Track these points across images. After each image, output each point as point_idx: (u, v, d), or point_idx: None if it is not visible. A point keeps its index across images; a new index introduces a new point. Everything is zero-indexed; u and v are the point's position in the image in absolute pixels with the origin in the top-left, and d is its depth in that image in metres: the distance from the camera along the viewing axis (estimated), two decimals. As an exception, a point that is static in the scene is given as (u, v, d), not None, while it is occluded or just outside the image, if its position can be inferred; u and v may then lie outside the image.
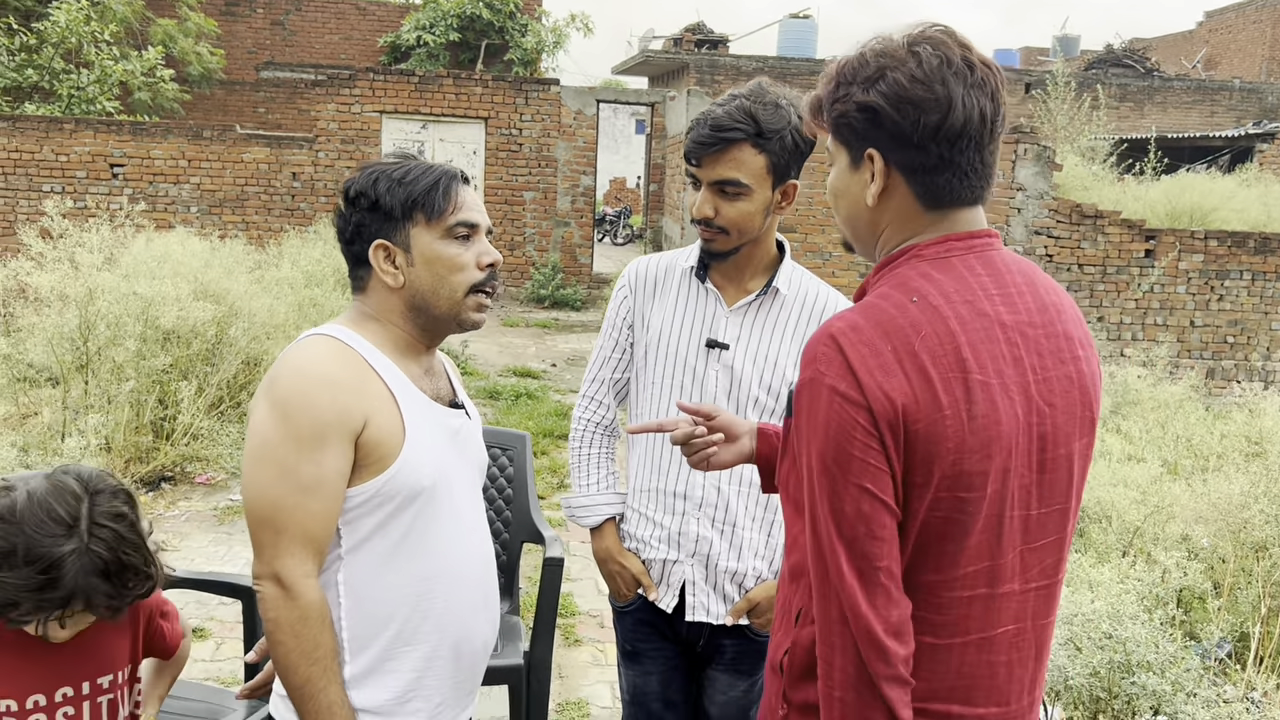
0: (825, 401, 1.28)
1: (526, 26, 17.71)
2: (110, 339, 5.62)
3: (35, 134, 12.08)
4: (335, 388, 1.62)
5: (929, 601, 1.34)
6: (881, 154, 1.37)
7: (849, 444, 1.27)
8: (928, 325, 1.30)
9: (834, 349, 1.29)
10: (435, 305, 1.74)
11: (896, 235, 1.41)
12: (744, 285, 2.19)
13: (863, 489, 1.27)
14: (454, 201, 1.72)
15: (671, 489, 2.20)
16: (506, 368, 9.41)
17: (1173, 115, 22.38)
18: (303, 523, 1.60)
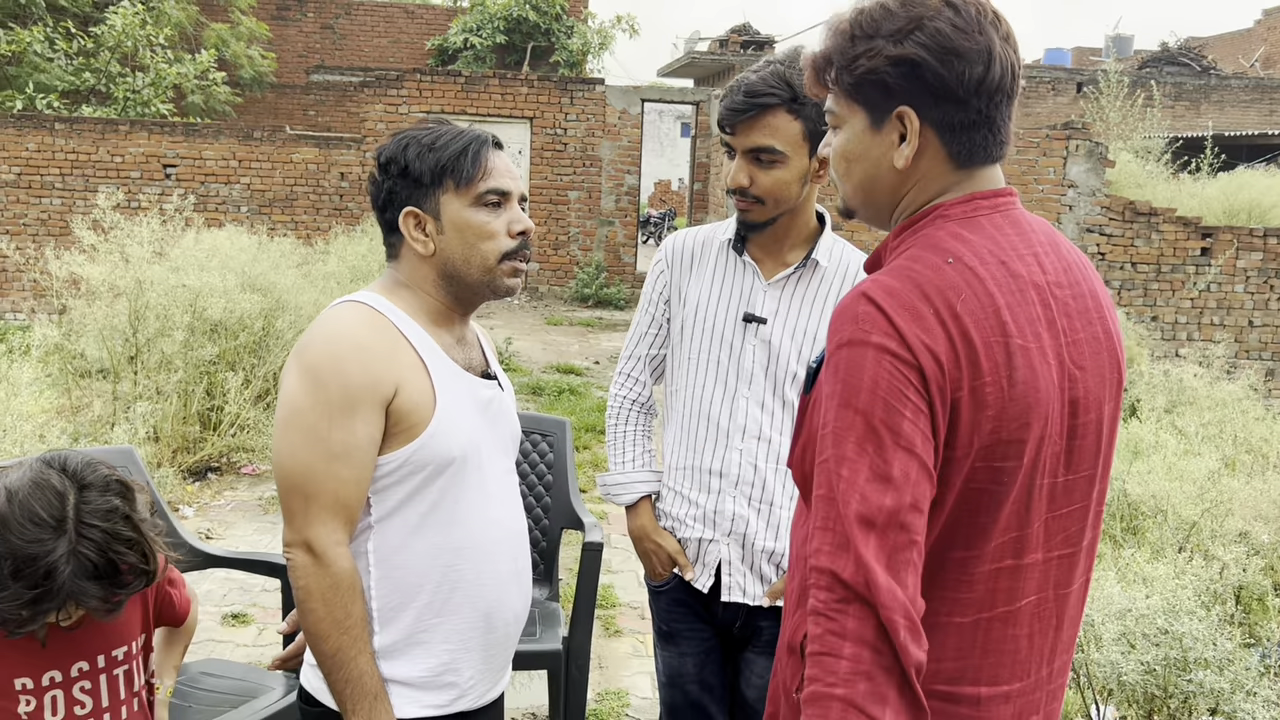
0: (873, 360, 1.18)
1: (572, 28, 17.76)
2: (159, 331, 5.69)
3: (91, 135, 12.33)
4: (366, 354, 1.61)
5: (958, 579, 1.27)
6: (917, 111, 1.28)
7: (901, 404, 1.17)
8: (966, 287, 1.23)
9: (875, 309, 1.20)
10: (467, 273, 1.71)
11: (921, 197, 1.34)
12: (782, 258, 2.14)
13: (912, 454, 1.17)
14: (484, 168, 1.69)
15: (707, 466, 2.15)
16: (550, 365, 9.41)
17: (1230, 114, 21.89)
18: (334, 490, 1.58)
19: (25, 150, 12.26)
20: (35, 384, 4.89)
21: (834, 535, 1.16)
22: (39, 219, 12.22)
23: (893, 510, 1.16)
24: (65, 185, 12.28)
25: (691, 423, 2.18)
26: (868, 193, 1.37)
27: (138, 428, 5.28)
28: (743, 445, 2.12)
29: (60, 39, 14.18)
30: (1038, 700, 1.36)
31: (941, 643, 1.28)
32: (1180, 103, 21.76)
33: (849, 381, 1.19)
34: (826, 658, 1.13)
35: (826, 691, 1.12)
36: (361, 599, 1.62)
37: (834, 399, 1.20)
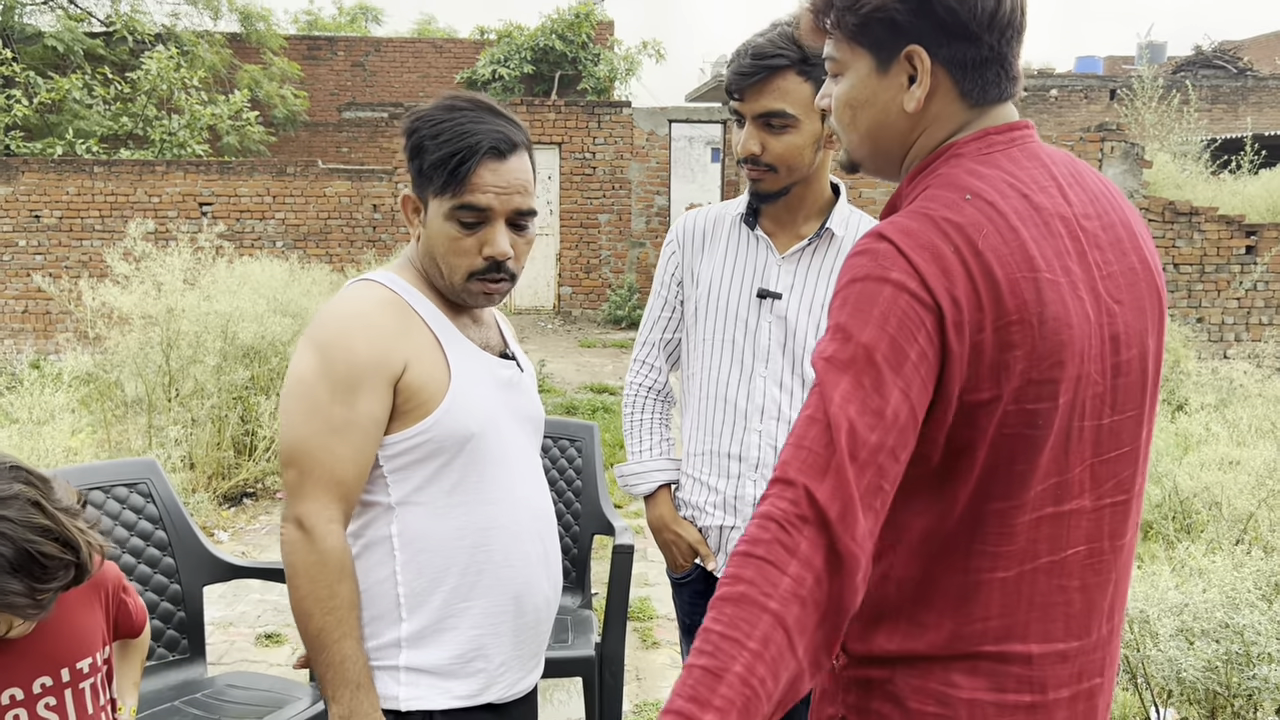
0: (889, 296, 1.12)
1: (599, 56, 17.87)
2: (191, 358, 5.72)
3: (129, 177, 12.56)
4: (373, 331, 1.57)
5: (999, 532, 1.20)
6: (927, 50, 1.22)
7: (908, 343, 1.12)
8: (988, 223, 1.16)
9: (892, 248, 1.14)
10: (436, 276, 1.66)
11: (933, 140, 1.28)
12: (796, 230, 2.06)
13: (906, 398, 1.11)
14: (470, 182, 1.57)
15: (725, 450, 2.07)
16: (583, 385, 9.37)
17: (1269, 115, 21.51)
18: (329, 466, 1.54)
19: (65, 194, 12.51)
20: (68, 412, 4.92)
21: (814, 456, 1.09)
22: (80, 260, 12.44)
23: (876, 448, 1.10)
24: (105, 227, 12.50)
25: (708, 406, 2.10)
26: (875, 141, 1.31)
27: (171, 454, 5.30)
28: (761, 426, 2.04)
29: (98, 86, 14.51)
30: (1099, 660, 1.27)
31: (986, 601, 1.21)
32: (1218, 105, 21.43)
33: (858, 312, 1.13)
34: (769, 567, 1.06)
35: (761, 601, 1.05)
36: (351, 581, 1.56)
37: (839, 329, 1.14)
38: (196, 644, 2.81)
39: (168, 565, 2.80)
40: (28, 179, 12.50)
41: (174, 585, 2.80)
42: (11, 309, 12.61)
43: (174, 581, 2.80)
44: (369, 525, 1.62)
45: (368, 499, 1.61)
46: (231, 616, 4.34)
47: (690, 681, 1.02)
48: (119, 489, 2.80)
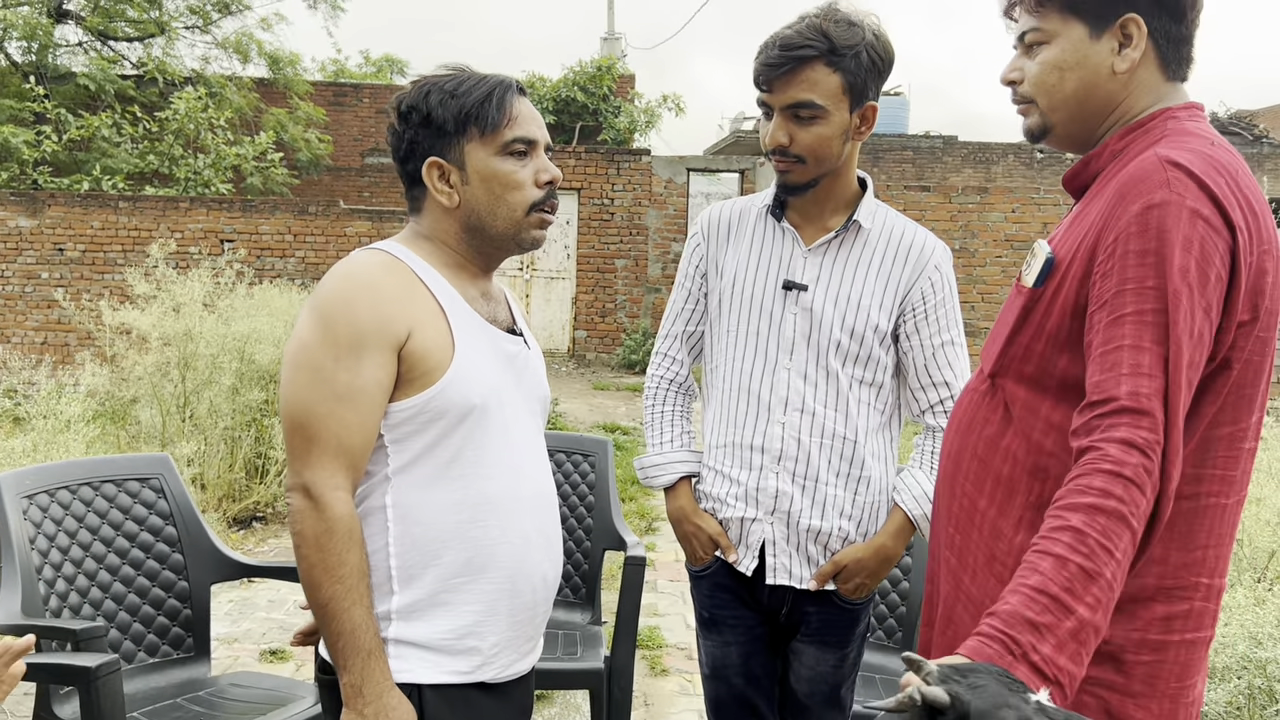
0: (1187, 221, 1.23)
1: (620, 108, 18.11)
2: (207, 379, 5.74)
3: (153, 212, 12.72)
4: (378, 295, 1.54)
5: (1226, 456, 1.30)
6: (1145, 19, 1.37)
7: (1208, 266, 1.22)
8: (1239, 165, 1.31)
9: (1185, 174, 1.25)
10: (493, 225, 1.65)
11: (1136, 105, 1.41)
12: (823, 223, 2.06)
13: (1208, 315, 1.23)
14: (509, 114, 1.62)
15: (748, 442, 2.05)
16: (595, 424, 9.35)
17: (1286, 181, 21.57)
18: (336, 432, 1.50)
19: (90, 228, 12.67)
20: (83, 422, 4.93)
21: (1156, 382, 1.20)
22: (100, 293, 12.54)
23: (1190, 366, 1.21)
24: (128, 261, 12.63)
25: (731, 398, 2.09)
26: (1081, 102, 1.42)
27: (182, 473, 5.28)
28: (785, 419, 2.03)
29: (127, 125, 14.76)
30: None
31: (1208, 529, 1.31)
32: (1233, 171, 21.52)
33: (1161, 239, 1.23)
34: (1134, 487, 1.17)
35: (1127, 516, 1.17)
36: (360, 548, 1.53)
37: (1147, 256, 1.23)
38: (201, 643, 2.78)
39: (176, 561, 2.78)
40: (53, 212, 12.67)
41: (181, 582, 2.78)
42: (31, 340, 12.71)
43: (182, 578, 2.78)
44: (365, 495, 1.59)
45: (368, 468, 1.58)
46: (237, 633, 4.30)
47: (1066, 574, 1.14)
48: (131, 483, 2.79)
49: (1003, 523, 1.41)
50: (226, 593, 4.67)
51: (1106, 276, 1.27)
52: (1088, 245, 1.32)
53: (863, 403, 2.03)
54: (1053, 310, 1.37)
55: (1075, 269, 1.34)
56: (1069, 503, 1.18)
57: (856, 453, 2.03)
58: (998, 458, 1.44)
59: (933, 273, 2.04)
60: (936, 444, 2.06)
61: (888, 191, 11.17)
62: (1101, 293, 1.28)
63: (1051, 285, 1.37)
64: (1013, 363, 1.42)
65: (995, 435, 1.45)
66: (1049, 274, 1.38)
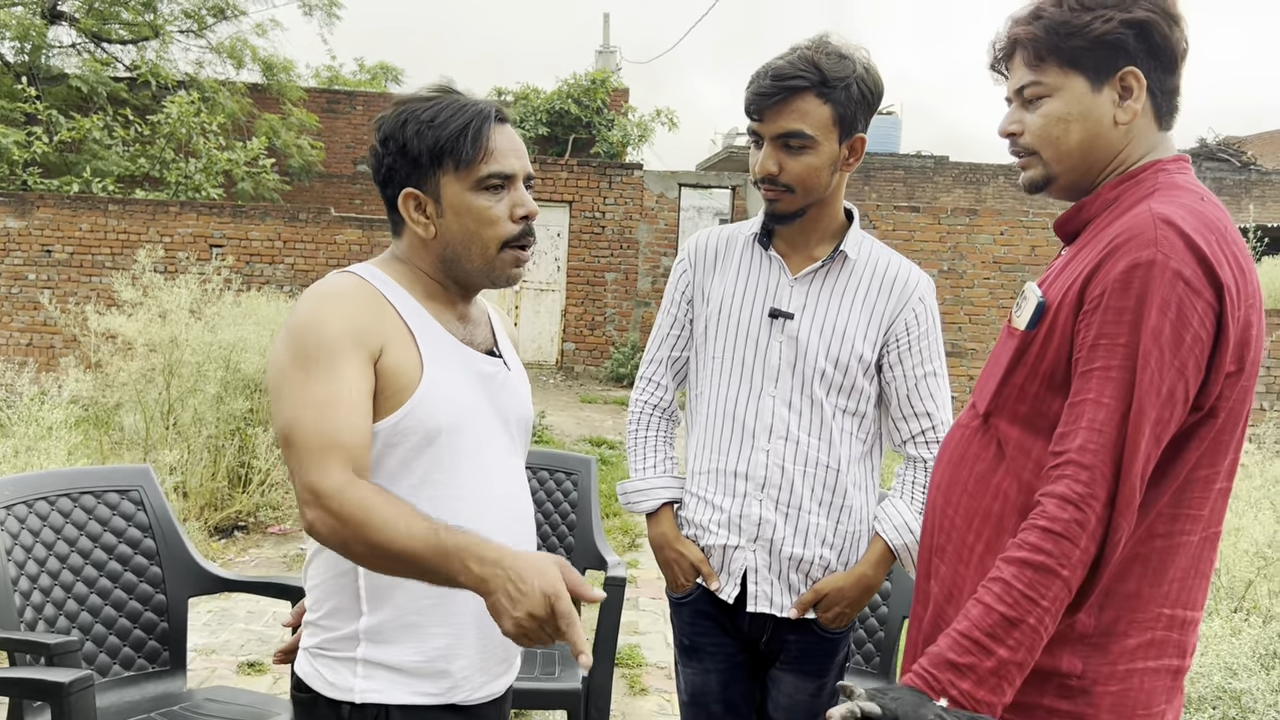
0: (1168, 283, 1.28)
1: (613, 121, 18.15)
2: (191, 387, 5.71)
3: (143, 216, 12.68)
4: (347, 308, 1.53)
5: (1200, 497, 1.36)
6: (1143, 72, 1.42)
7: (1184, 329, 1.28)
8: (1227, 220, 1.35)
9: (1174, 232, 1.29)
10: (467, 259, 1.64)
11: (1134, 154, 1.47)
12: (810, 252, 2.07)
13: (1181, 375, 1.28)
14: (484, 148, 1.60)
15: (732, 469, 2.06)
16: (582, 438, 9.35)
17: (1272, 208, 21.76)
18: (321, 433, 1.46)
19: (79, 230, 12.62)
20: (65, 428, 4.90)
21: (1106, 437, 1.29)
22: (88, 296, 12.49)
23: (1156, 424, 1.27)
24: (115, 264, 12.58)
25: (715, 424, 2.09)
26: (1085, 153, 1.47)
27: (165, 481, 5.26)
28: (769, 446, 2.03)
29: (119, 127, 14.72)
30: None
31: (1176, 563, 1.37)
32: (1222, 197, 21.68)
33: (1142, 299, 1.29)
34: (1065, 541, 1.29)
35: (1055, 569, 1.29)
36: (387, 501, 1.44)
37: (1124, 314, 1.30)
38: (178, 656, 2.76)
39: (154, 574, 2.77)
40: (42, 214, 12.62)
41: (159, 595, 2.76)
42: (16, 342, 12.64)
43: (159, 591, 2.76)
44: None
45: None
46: (215, 644, 4.27)
47: (990, 621, 1.30)
48: (110, 495, 2.78)
49: (990, 560, 1.44)
50: (206, 603, 4.64)
51: (1088, 328, 1.33)
52: (1076, 290, 1.37)
53: (845, 432, 2.04)
54: (1046, 353, 1.41)
55: (1065, 314, 1.38)
56: (1006, 555, 1.33)
57: (839, 481, 2.03)
58: (988, 495, 1.48)
59: (917, 304, 2.05)
60: (918, 474, 2.07)
61: (878, 212, 11.22)
62: (1081, 343, 1.34)
63: (1043, 328, 1.41)
64: (1007, 403, 1.47)
65: (986, 472, 1.49)
66: (1040, 317, 1.42)
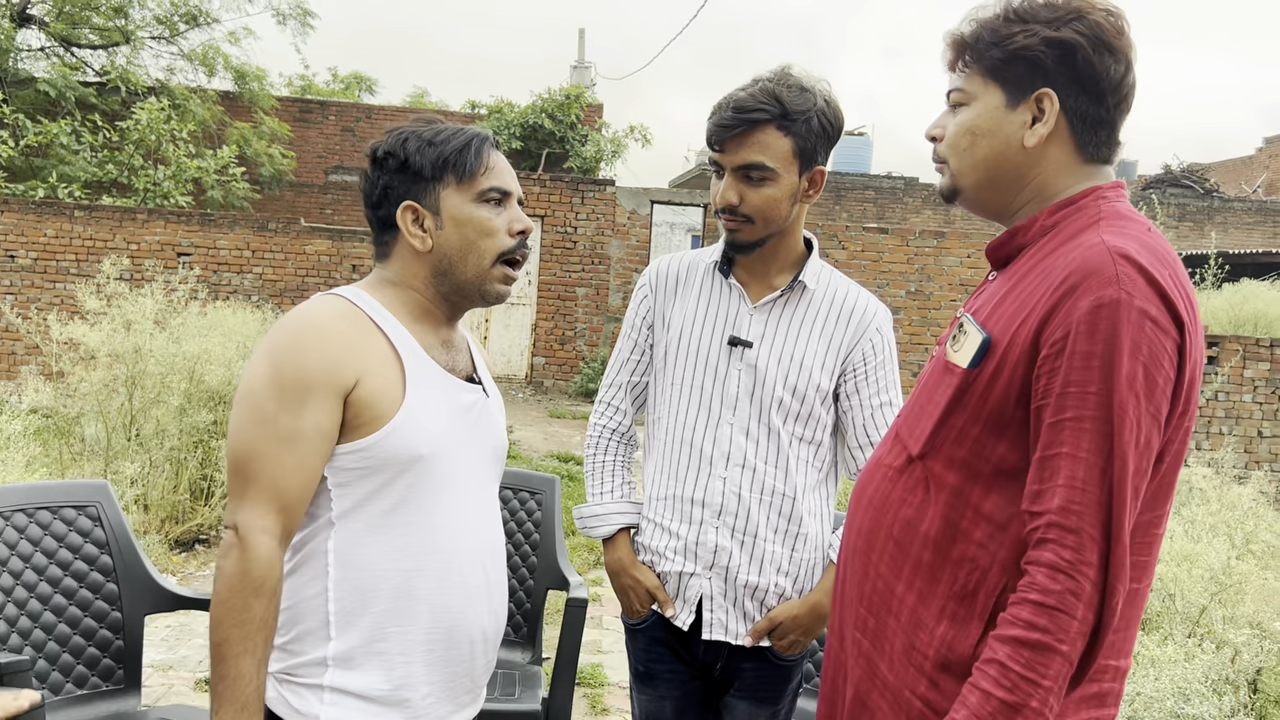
0: (1136, 323, 1.21)
1: (587, 137, 18.19)
2: (155, 399, 5.66)
3: (109, 223, 12.54)
4: (328, 341, 1.56)
5: (1143, 543, 1.31)
6: (1059, 96, 1.35)
7: (1157, 372, 1.21)
8: (1173, 252, 1.30)
9: (1135, 268, 1.23)
10: (462, 271, 1.68)
11: (1051, 184, 1.39)
12: (769, 281, 2.10)
13: (1155, 420, 1.22)
14: (485, 164, 1.68)
15: (688, 496, 2.08)
16: (550, 453, 9.33)
17: (1234, 235, 22.15)
18: (273, 474, 1.51)
19: (44, 236, 12.46)
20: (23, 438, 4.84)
21: (1089, 495, 1.20)
22: (52, 302, 12.34)
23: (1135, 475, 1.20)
24: (80, 270, 12.43)
25: (673, 450, 2.11)
26: (989, 170, 1.41)
27: (125, 493, 5.20)
28: (726, 473, 2.05)
29: (87, 133, 14.58)
30: None
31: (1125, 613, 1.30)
32: (1185, 223, 22.05)
33: (1110, 343, 1.21)
34: (1060, 614, 1.19)
35: (1054, 645, 1.20)
36: (269, 599, 1.50)
37: (1093, 359, 1.21)
38: (133, 675, 2.73)
39: (110, 591, 2.74)
40: (6, 219, 12.45)
41: (115, 613, 2.73)
42: (-24, 347, 12.45)
43: (115, 609, 2.74)
44: (309, 539, 1.59)
45: (311, 512, 1.59)
46: (172, 660, 4.23)
47: (990, 709, 1.20)
48: (67, 510, 2.75)
49: (923, 612, 1.37)
50: (164, 618, 4.59)
51: (1053, 374, 1.24)
52: (1030, 330, 1.28)
53: (802, 460, 2.06)
54: (991, 394, 1.32)
55: (1017, 354, 1.29)
56: (999, 634, 1.23)
57: (795, 509, 2.06)
58: (917, 543, 1.39)
59: (874, 335, 2.08)
60: None
61: (847, 233, 11.32)
62: (1046, 390, 1.25)
63: (989, 368, 1.32)
64: (944, 445, 1.37)
65: (914, 518, 1.40)
66: (985, 355, 1.33)
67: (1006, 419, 1.31)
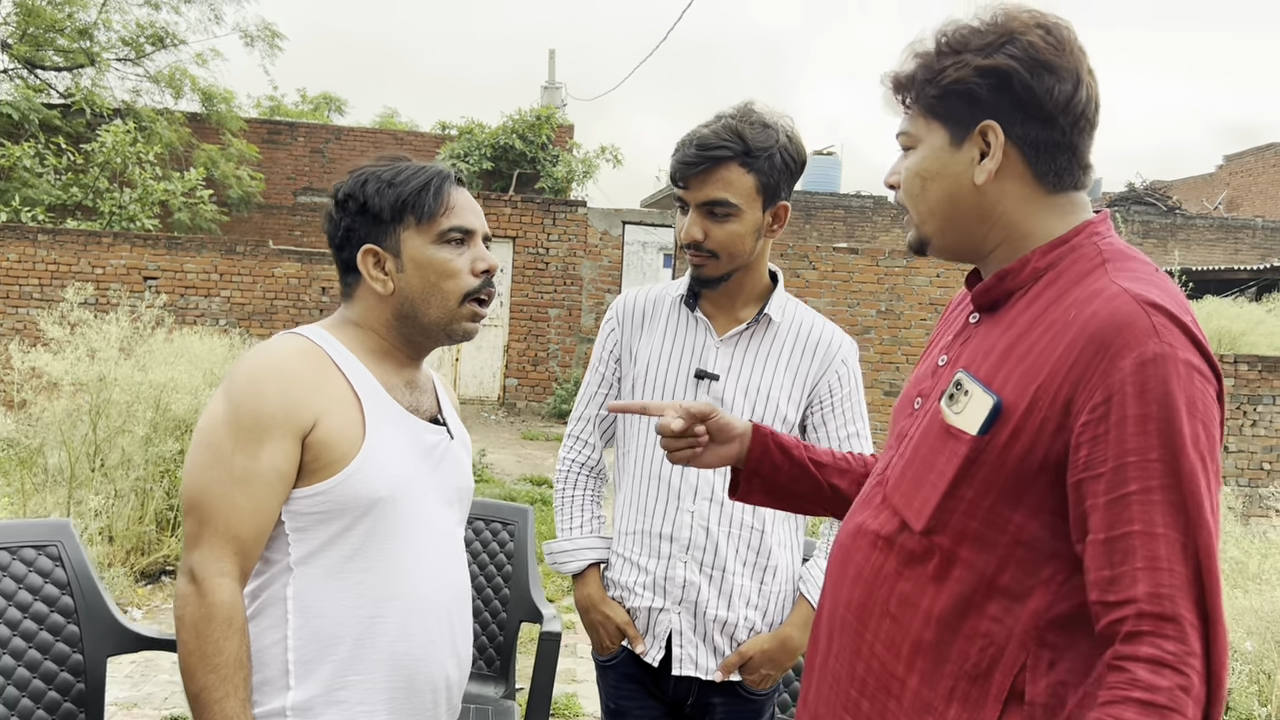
0: (1186, 378, 1.09)
1: (558, 157, 18.23)
2: (120, 428, 5.58)
3: (74, 247, 12.41)
4: (286, 381, 1.54)
5: None
6: (1002, 126, 1.25)
7: (1213, 425, 1.11)
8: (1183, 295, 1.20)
9: (1169, 320, 1.12)
10: (425, 313, 1.66)
11: (1020, 222, 1.29)
12: (735, 314, 2.11)
13: (1219, 479, 1.11)
14: (445, 204, 1.65)
15: (657, 530, 2.07)
16: (523, 476, 9.29)
17: (1196, 252, 22.50)
18: (227, 517, 1.49)
19: (6, 260, 12.31)
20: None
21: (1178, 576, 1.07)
22: (14, 328, 12.17)
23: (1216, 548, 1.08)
24: (44, 295, 12.29)
25: (641, 485, 2.10)
26: (947, 215, 1.32)
27: (90, 525, 5.12)
28: (694, 507, 2.05)
29: (51, 156, 14.44)
30: None
31: None
32: (1148, 240, 22.39)
33: (1165, 403, 1.09)
34: (1173, 714, 1.05)
35: None
36: (239, 637, 1.49)
37: (1149, 422, 1.09)
38: (94, 718, 2.68)
39: (71, 633, 2.68)
40: (-32, 243, 12.30)
41: (76, 655, 2.68)
42: (-63, 374, 12.25)
43: (76, 651, 2.68)
44: (267, 585, 1.57)
45: (268, 556, 1.56)
46: (137, 697, 4.15)
47: None
48: (26, 550, 2.69)
49: (929, 694, 1.25)
50: (129, 654, 4.51)
51: (1098, 442, 1.11)
52: (1054, 392, 1.16)
53: None
54: (1006, 462, 1.19)
55: (1039, 419, 1.17)
56: None
57: (764, 541, 2.05)
58: (918, 620, 1.26)
59: (840, 366, 2.09)
60: None
61: (818, 253, 11.39)
62: (1091, 460, 1.12)
63: (1002, 434, 1.19)
64: (952, 519, 1.24)
65: (913, 594, 1.27)
66: (995, 420, 1.20)
67: (1025, 486, 1.19)
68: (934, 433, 1.29)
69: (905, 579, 1.28)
